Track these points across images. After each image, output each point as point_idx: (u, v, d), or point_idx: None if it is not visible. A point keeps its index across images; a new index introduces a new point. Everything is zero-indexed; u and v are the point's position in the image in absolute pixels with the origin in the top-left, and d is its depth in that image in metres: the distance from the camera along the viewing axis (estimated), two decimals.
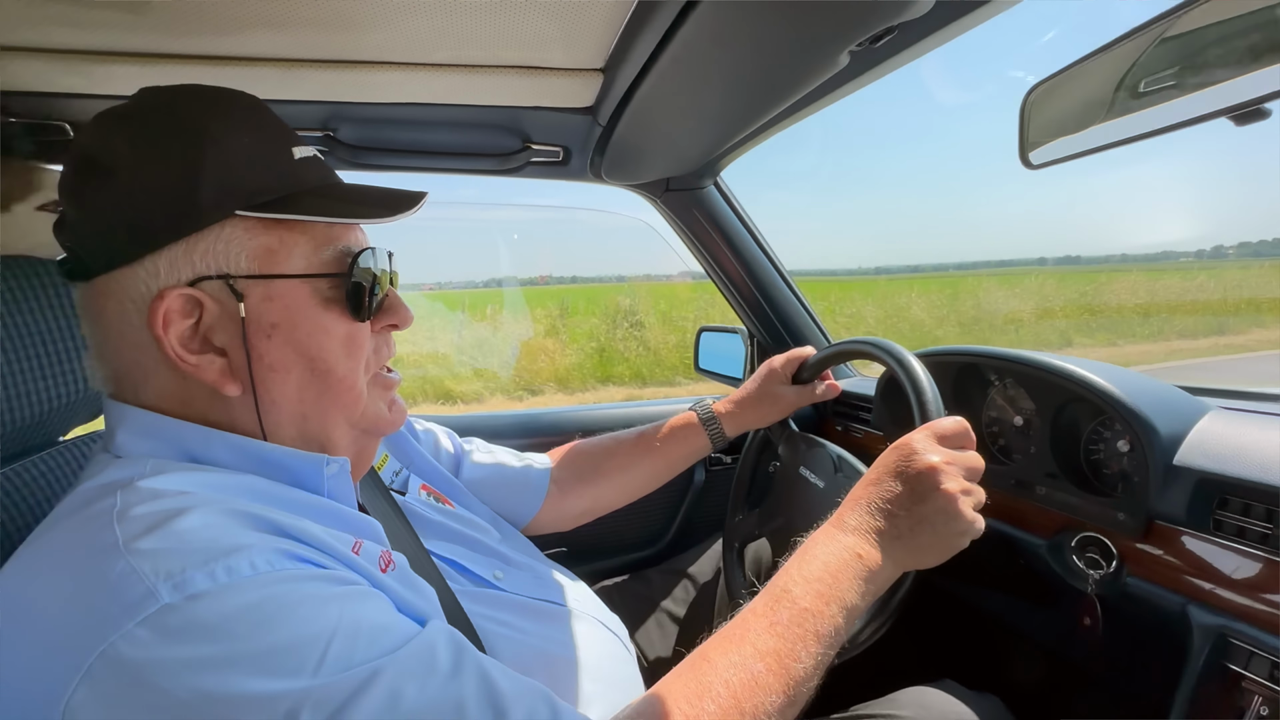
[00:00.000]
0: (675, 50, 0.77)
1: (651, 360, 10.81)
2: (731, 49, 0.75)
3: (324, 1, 0.71)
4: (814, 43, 0.71)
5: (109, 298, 0.55)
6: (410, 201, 0.62)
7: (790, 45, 0.71)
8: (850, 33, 0.68)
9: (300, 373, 0.58)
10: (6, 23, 0.74)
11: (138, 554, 0.42)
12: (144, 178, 0.53)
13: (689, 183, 1.29)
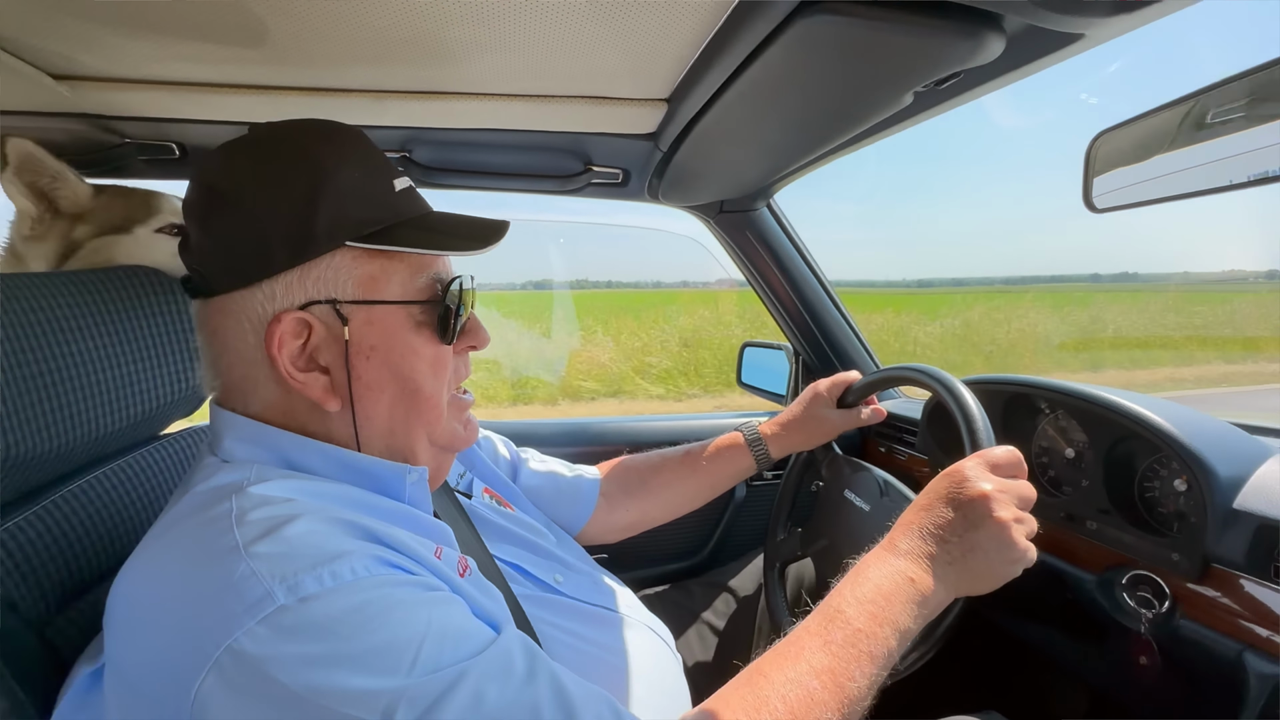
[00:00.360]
0: (743, 85, 0.81)
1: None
2: (799, 86, 0.78)
3: (422, 40, 0.76)
4: (882, 84, 0.73)
5: (227, 316, 0.60)
6: (496, 234, 0.66)
7: (858, 86, 0.74)
8: (918, 76, 0.70)
9: (393, 391, 0.63)
10: (134, 60, 0.82)
11: (256, 557, 0.47)
12: (267, 209, 0.58)
13: (742, 204, 1.32)
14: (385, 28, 0.72)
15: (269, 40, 0.76)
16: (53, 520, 0.69)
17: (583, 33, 0.76)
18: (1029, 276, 69.69)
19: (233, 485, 0.55)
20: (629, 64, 0.87)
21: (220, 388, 0.65)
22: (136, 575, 0.53)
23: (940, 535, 0.68)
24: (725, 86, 0.84)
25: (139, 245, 0.87)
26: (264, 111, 0.97)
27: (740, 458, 1.12)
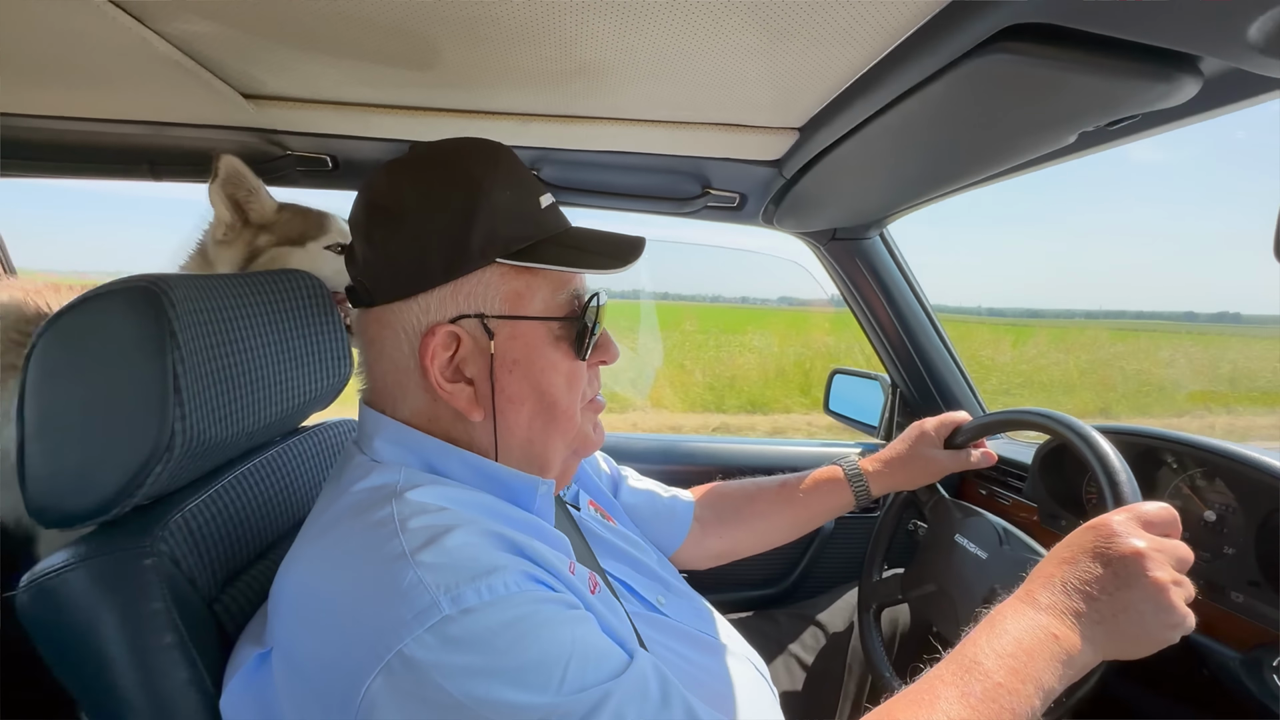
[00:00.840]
0: (892, 119, 0.80)
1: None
2: (956, 122, 0.77)
3: (583, 69, 0.79)
4: (1050, 123, 0.71)
5: (385, 325, 0.64)
6: (634, 251, 0.68)
7: (1023, 124, 0.72)
8: (1094, 118, 0.67)
9: (532, 404, 0.66)
10: (315, 82, 0.89)
11: (422, 566, 0.50)
12: (428, 225, 0.62)
13: (856, 233, 1.30)
14: (552, 58, 0.76)
15: (439, 66, 0.81)
16: (221, 504, 0.74)
17: (736, 66, 0.78)
18: (1113, 311, 64.12)
19: (388, 488, 0.58)
20: (771, 96, 0.88)
21: (372, 390, 0.69)
22: (307, 568, 0.57)
23: (1087, 592, 0.64)
24: (871, 119, 0.83)
25: (309, 258, 0.95)
26: (415, 129, 1.03)
27: (839, 493, 1.09)
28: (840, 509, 1.10)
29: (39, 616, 0.61)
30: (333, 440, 1.00)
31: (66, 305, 0.64)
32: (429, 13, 0.67)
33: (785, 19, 0.64)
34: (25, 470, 0.63)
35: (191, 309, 0.67)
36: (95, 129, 1.01)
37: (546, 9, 0.64)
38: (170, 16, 0.67)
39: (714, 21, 0.66)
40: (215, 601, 0.70)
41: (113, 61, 0.77)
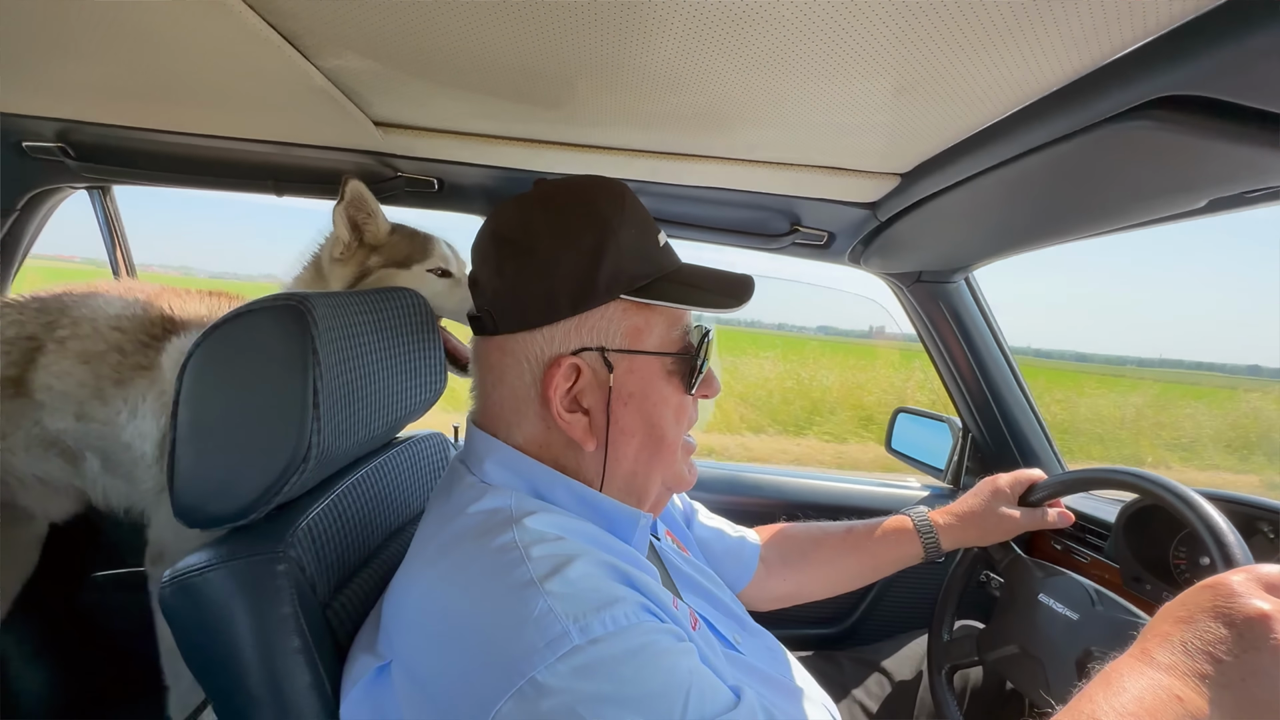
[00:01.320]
0: (1008, 173, 0.80)
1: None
2: (1077, 182, 0.76)
3: (708, 111, 0.81)
4: (1184, 189, 0.70)
5: (507, 354, 0.67)
6: (746, 291, 0.69)
7: (1155, 189, 0.71)
8: (1235, 185, 0.66)
9: (642, 436, 0.68)
10: (441, 114, 0.94)
11: (551, 595, 0.51)
12: (558, 261, 0.64)
13: (941, 276, 1.29)
14: (678, 101, 0.78)
15: (564, 105, 0.85)
16: (336, 513, 0.78)
17: (850, 115, 0.79)
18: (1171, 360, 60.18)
19: (504, 512, 0.60)
20: (879, 144, 0.89)
21: (484, 412, 0.71)
22: (432, 588, 0.58)
23: (1210, 653, 0.60)
24: (985, 172, 0.83)
25: (413, 279, 1.00)
26: (521, 159, 1.08)
27: (907, 544, 1.06)
28: (908, 560, 1.07)
29: (179, 610, 0.65)
30: (425, 453, 1.03)
31: (221, 319, 0.69)
32: (569, 58, 0.70)
33: (917, 75, 0.65)
34: (175, 472, 0.67)
35: (328, 326, 0.71)
36: (230, 146, 1.08)
37: (688, 57, 0.66)
38: (333, 54, 0.72)
39: (844, 74, 0.67)
40: (328, 606, 0.73)
41: (272, 90, 0.83)
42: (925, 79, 0.65)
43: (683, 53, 0.65)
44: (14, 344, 1.03)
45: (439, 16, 0.63)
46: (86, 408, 1.05)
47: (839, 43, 0.60)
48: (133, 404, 1.05)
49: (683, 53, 0.65)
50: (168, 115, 1.02)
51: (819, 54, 0.63)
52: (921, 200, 1.00)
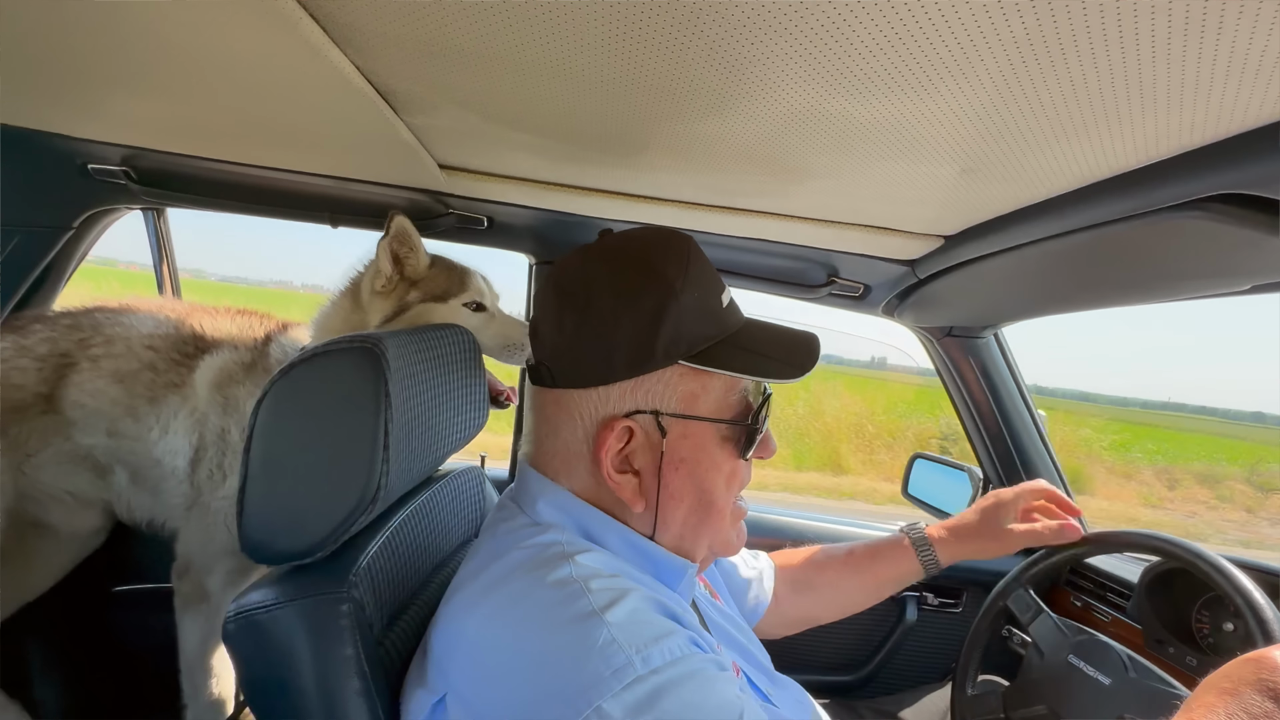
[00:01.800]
0: (1054, 246, 0.82)
1: None
2: (1124, 260, 0.79)
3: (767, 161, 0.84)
4: (1226, 274, 0.73)
5: (562, 408, 0.67)
6: (811, 356, 0.69)
7: (1198, 271, 0.74)
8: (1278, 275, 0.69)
9: (691, 502, 0.67)
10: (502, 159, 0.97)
11: (613, 626, 0.52)
12: (617, 322, 0.64)
13: (972, 331, 1.32)
14: (744, 171, 0.81)
15: (631, 164, 0.88)
16: (390, 550, 0.79)
17: (908, 186, 0.82)
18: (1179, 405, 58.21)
19: (556, 547, 0.61)
20: (929, 211, 0.92)
21: (538, 456, 0.72)
22: (487, 621, 0.59)
23: None
24: (1033, 243, 0.86)
25: (449, 313, 1.03)
26: (573, 204, 1.11)
27: (904, 560, 1.04)
28: (908, 577, 1.06)
29: (243, 645, 0.66)
30: (464, 486, 1.04)
31: (297, 358, 0.70)
32: (646, 128, 0.73)
33: (984, 159, 0.69)
34: (244, 506, 0.68)
35: (397, 367, 0.72)
36: (289, 177, 1.11)
37: (765, 138, 0.69)
38: (421, 111, 0.75)
39: (912, 156, 0.70)
40: (381, 644, 0.73)
41: (353, 135, 0.86)
42: (991, 163, 0.68)
43: (760, 134, 0.68)
44: (46, 360, 1.04)
45: (532, 84, 0.66)
46: (119, 425, 1.06)
47: (917, 134, 0.63)
48: (164, 421, 1.06)
49: (760, 134, 0.68)
50: (235, 148, 1.05)
51: (895, 142, 0.66)
52: (963, 262, 1.03)
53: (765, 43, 0.52)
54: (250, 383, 1.08)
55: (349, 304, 1.07)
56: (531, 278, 1.31)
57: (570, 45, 0.56)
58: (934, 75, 0.53)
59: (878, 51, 0.50)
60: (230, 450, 1.07)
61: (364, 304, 1.05)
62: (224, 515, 1.07)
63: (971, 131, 0.61)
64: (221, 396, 1.07)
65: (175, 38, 0.65)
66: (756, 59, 0.55)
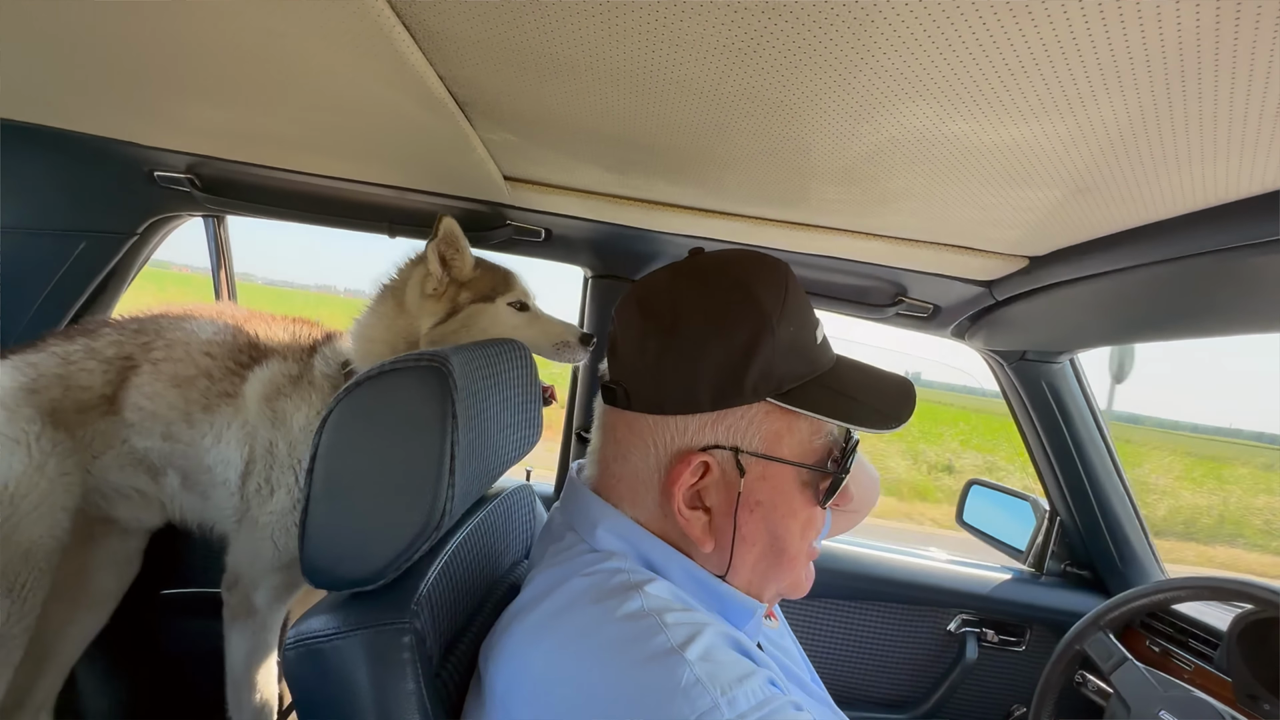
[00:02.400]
0: (1150, 273, 0.76)
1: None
2: (1221, 294, 0.73)
3: (843, 192, 0.80)
4: None
5: (635, 434, 0.62)
6: (907, 403, 0.64)
7: None
8: None
9: (763, 547, 0.62)
10: (564, 173, 0.95)
11: (696, 665, 0.49)
12: (705, 351, 0.59)
13: (1047, 356, 1.25)
14: (828, 190, 0.77)
15: (707, 181, 0.84)
16: (448, 576, 0.76)
17: (1003, 207, 0.76)
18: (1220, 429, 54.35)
19: (621, 576, 0.57)
20: (1015, 232, 0.86)
21: (602, 479, 0.67)
22: (554, 656, 0.55)
23: None
24: (1126, 269, 0.80)
25: (495, 312, 1.02)
26: (635, 217, 1.08)
27: None
28: None
29: (303, 674, 0.63)
30: (516, 505, 1.02)
31: (362, 376, 0.68)
32: (731, 144, 0.69)
33: (1101, 180, 0.63)
34: (307, 529, 0.66)
35: (461, 385, 0.70)
36: (351, 187, 1.11)
37: (871, 151, 0.65)
38: (494, 123, 0.73)
39: (1025, 182, 0.65)
40: (438, 676, 0.70)
41: (428, 147, 0.85)
42: (1112, 184, 0.63)
43: (860, 154, 0.64)
44: (111, 363, 1.05)
45: (617, 92, 0.63)
46: (174, 429, 1.06)
47: (1035, 156, 0.58)
48: (218, 430, 1.06)
49: (860, 154, 0.64)
50: (301, 158, 1.04)
51: (1006, 165, 0.61)
52: (1046, 286, 0.97)
53: (881, 59, 0.48)
54: (296, 395, 1.06)
55: (392, 310, 1.05)
56: (586, 291, 1.28)
57: (663, 53, 0.53)
58: (1077, 94, 0.48)
59: (1019, 73, 0.46)
60: (277, 464, 1.06)
61: (410, 308, 1.03)
62: (271, 530, 1.06)
63: (1098, 152, 0.56)
64: (270, 409, 1.06)
65: (255, 45, 0.64)
66: (868, 74, 0.51)
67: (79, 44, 0.72)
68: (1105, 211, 0.72)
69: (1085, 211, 0.73)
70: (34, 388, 0.99)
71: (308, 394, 1.07)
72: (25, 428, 0.96)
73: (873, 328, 1.30)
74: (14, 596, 0.94)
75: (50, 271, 1.23)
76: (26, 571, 0.95)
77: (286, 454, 1.05)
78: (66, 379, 1.02)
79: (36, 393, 0.99)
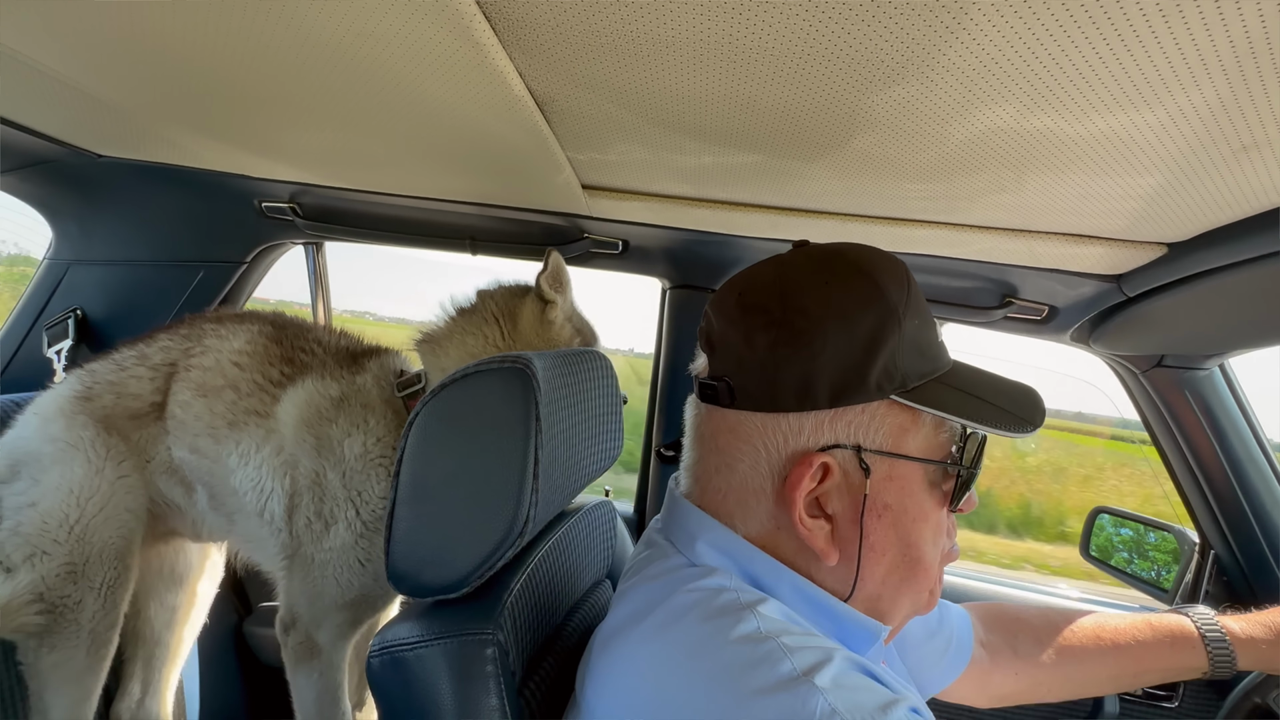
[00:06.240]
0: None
1: None
2: None
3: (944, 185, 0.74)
4: None
5: (741, 437, 0.57)
6: (1036, 410, 0.57)
7: None
8: None
9: (894, 556, 0.56)
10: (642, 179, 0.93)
11: (829, 694, 0.43)
12: (826, 343, 0.54)
13: (1190, 361, 1.09)
14: (907, 169, 0.71)
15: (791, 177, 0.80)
16: (531, 588, 0.73)
17: (1153, 177, 0.67)
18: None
19: (729, 594, 0.52)
20: (1141, 210, 0.76)
21: (702, 492, 0.62)
22: (661, 678, 0.50)
23: None
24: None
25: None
26: (714, 222, 1.05)
27: (1185, 653, 0.83)
28: (1185, 672, 0.84)
29: (386, 682, 0.62)
30: (598, 521, 0.98)
31: (447, 379, 0.67)
32: (844, 147, 0.65)
33: (1267, 134, 0.54)
34: (392, 534, 0.65)
35: (545, 390, 0.67)
36: (435, 206, 1.14)
37: (946, 153, 0.59)
38: (571, 120, 0.73)
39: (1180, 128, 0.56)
40: (521, 694, 0.67)
41: (509, 154, 0.85)
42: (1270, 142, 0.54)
43: (941, 153, 0.58)
44: (159, 370, 1.03)
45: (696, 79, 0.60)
46: (199, 442, 1.01)
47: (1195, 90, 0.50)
48: (245, 450, 0.99)
49: (941, 153, 0.58)
50: (390, 178, 1.09)
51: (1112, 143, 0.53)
52: (1189, 277, 0.85)
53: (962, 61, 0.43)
54: (345, 419, 0.98)
55: (498, 334, 1.01)
56: (664, 303, 1.25)
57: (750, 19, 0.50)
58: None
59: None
60: (329, 497, 0.97)
61: (525, 335, 1.00)
62: (332, 569, 0.97)
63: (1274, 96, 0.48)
64: (312, 436, 0.97)
65: (346, 62, 0.66)
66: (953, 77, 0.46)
67: (192, 77, 0.77)
68: (1261, 179, 0.62)
69: (1236, 182, 0.63)
70: (88, 395, 1.00)
71: (361, 418, 0.98)
72: (81, 434, 0.97)
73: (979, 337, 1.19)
74: (98, 594, 0.95)
75: (173, 300, 1.34)
76: (106, 570, 0.96)
77: (340, 485, 0.97)
78: (118, 385, 1.01)
79: (90, 400, 1.00)
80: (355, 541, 0.96)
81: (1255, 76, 0.47)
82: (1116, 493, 4.66)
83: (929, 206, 0.86)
